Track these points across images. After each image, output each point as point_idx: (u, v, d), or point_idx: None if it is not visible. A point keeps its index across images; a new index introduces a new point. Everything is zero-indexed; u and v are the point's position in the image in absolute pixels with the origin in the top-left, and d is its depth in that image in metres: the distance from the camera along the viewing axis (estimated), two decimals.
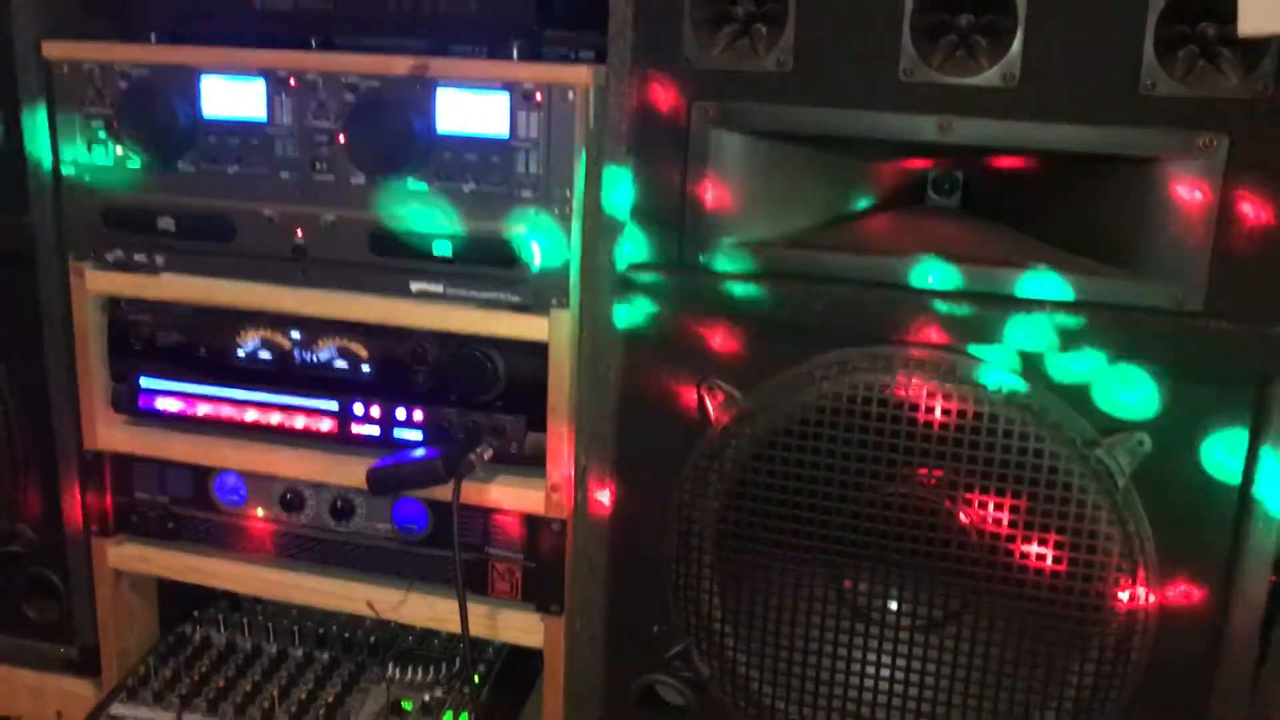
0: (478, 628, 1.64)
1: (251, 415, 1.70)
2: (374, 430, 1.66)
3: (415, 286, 1.56)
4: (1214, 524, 1.36)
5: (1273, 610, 1.40)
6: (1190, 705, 1.42)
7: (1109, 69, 1.27)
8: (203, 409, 1.72)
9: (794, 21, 1.33)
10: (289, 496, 1.73)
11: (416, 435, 1.64)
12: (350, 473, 1.64)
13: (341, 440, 1.68)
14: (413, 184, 1.52)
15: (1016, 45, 1.28)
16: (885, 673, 1.48)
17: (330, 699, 1.69)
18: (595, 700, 1.64)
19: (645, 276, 1.46)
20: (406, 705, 1.69)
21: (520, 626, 1.67)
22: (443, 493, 1.57)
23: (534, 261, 1.50)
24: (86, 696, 1.83)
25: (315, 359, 1.66)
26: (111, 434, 1.75)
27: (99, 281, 1.68)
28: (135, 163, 1.61)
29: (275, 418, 1.69)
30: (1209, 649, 1.40)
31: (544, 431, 1.58)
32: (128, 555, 1.80)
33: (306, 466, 1.69)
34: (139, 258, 1.64)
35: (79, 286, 1.68)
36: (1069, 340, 1.33)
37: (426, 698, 1.70)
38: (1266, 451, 1.32)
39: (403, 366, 1.63)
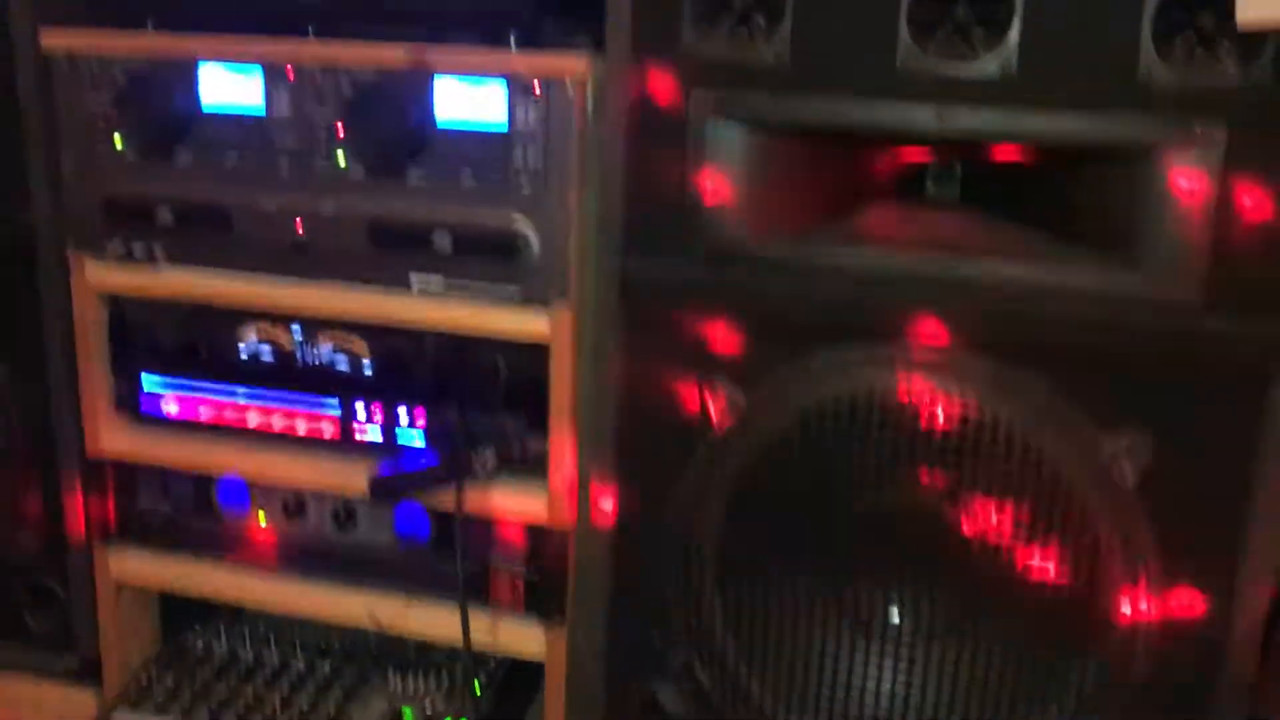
0: (479, 638, 1.62)
1: (254, 419, 1.70)
2: (376, 434, 1.66)
3: (415, 281, 1.55)
4: (1215, 530, 1.34)
5: (1274, 619, 1.38)
6: (1191, 714, 1.40)
7: (1106, 58, 1.26)
8: (205, 412, 1.72)
9: (792, 12, 1.34)
10: (291, 504, 1.72)
11: (419, 439, 1.64)
12: (352, 479, 1.62)
13: (344, 444, 1.67)
14: (412, 175, 1.52)
15: (1014, 34, 1.28)
16: (886, 682, 1.46)
17: (332, 708, 1.68)
18: (596, 710, 1.63)
19: (644, 271, 1.46)
20: (407, 714, 1.67)
21: (522, 637, 1.65)
22: (445, 500, 1.56)
23: (534, 255, 1.49)
24: (88, 706, 1.82)
25: (317, 358, 1.66)
26: (114, 439, 1.75)
27: (99, 275, 1.67)
28: (134, 153, 1.62)
29: (278, 421, 1.69)
30: (1210, 658, 1.38)
31: (546, 435, 1.57)
32: (130, 566, 1.79)
33: (309, 472, 1.68)
34: (138, 251, 1.64)
35: (80, 280, 1.67)
36: (1070, 338, 1.33)
37: (428, 707, 1.69)
38: (1267, 453, 1.30)
39: (404, 366, 1.62)
